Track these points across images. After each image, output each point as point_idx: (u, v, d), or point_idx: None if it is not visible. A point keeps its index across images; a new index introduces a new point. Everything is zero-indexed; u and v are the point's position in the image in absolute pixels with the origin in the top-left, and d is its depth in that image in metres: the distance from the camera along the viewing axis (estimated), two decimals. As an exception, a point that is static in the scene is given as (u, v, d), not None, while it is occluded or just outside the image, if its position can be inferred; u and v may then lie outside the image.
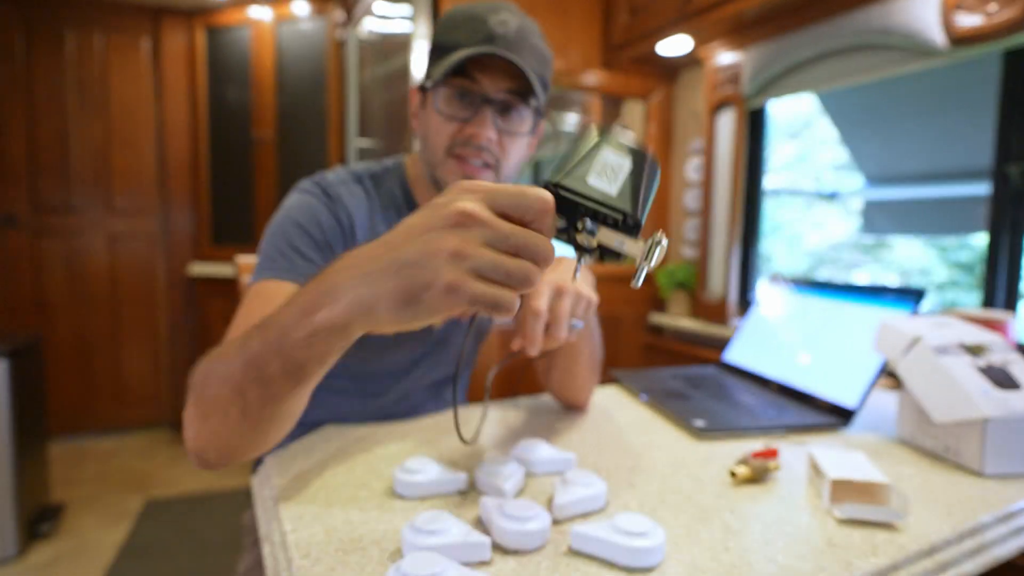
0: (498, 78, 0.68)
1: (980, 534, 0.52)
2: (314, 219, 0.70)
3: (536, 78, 0.69)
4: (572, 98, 2.61)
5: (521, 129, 0.72)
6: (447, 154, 0.71)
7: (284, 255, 0.67)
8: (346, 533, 0.48)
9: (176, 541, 1.93)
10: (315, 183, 0.74)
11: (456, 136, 0.70)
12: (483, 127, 0.68)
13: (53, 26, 2.65)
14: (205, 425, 0.48)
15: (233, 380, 0.44)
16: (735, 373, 1.05)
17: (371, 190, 0.77)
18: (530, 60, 0.68)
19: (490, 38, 0.67)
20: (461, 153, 0.70)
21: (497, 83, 0.68)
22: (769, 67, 1.86)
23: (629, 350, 2.33)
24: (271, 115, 2.71)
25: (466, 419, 0.82)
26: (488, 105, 0.68)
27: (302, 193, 0.74)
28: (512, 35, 0.67)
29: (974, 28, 1.32)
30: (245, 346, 0.43)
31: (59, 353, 2.73)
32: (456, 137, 0.70)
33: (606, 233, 0.38)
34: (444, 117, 0.69)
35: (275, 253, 0.68)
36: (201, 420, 0.48)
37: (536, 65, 0.69)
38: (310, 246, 0.69)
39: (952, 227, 1.68)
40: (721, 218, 2.10)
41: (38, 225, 2.69)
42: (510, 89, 0.68)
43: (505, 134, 0.70)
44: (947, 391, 0.64)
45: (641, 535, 0.44)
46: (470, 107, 0.69)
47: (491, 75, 0.68)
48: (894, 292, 0.85)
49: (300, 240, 0.69)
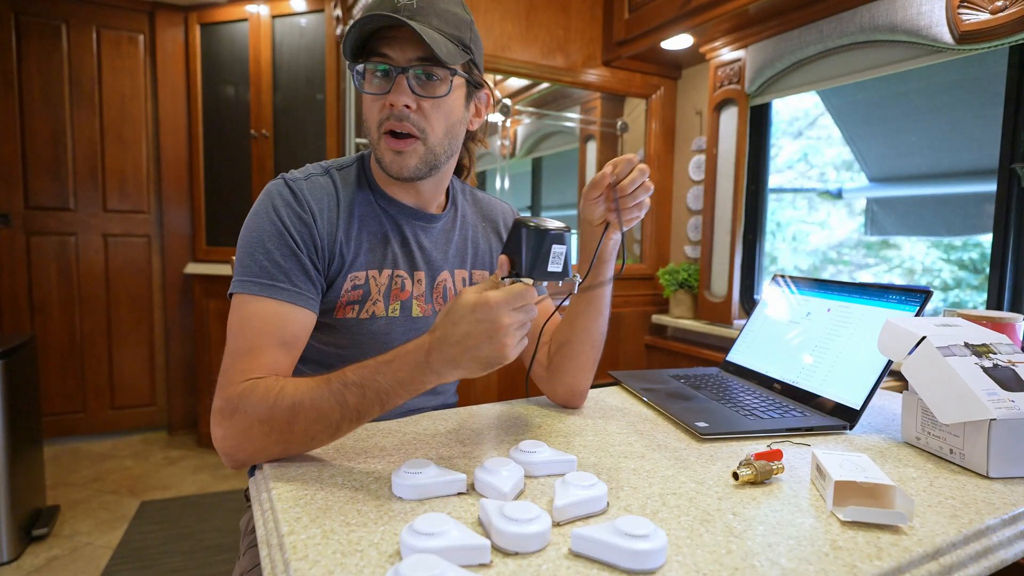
0: (407, 48, 0.70)
1: (986, 537, 0.52)
2: (284, 227, 0.72)
3: (447, 40, 0.71)
4: (574, 95, 2.60)
5: (439, 92, 0.73)
6: (380, 133, 0.74)
7: (268, 273, 0.70)
8: (344, 535, 0.47)
9: (172, 544, 1.92)
10: (284, 182, 0.76)
11: (382, 112, 0.73)
12: (398, 95, 0.71)
13: (46, 22, 2.63)
14: (270, 442, 0.62)
15: (330, 421, 0.61)
16: (738, 373, 1.04)
17: (337, 180, 0.79)
18: (437, 24, 0.70)
19: (393, 10, 0.69)
20: (388, 128, 0.73)
21: (406, 53, 0.70)
22: (772, 64, 1.86)
23: (631, 350, 2.32)
24: (268, 112, 2.69)
25: (470, 414, 0.81)
26: (402, 75, 0.71)
27: (271, 197, 0.75)
28: (416, 3, 0.69)
29: (981, 24, 1.32)
30: (343, 401, 0.60)
31: (53, 354, 2.71)
32: (382, 113, 0.73)
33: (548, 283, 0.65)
34: (370, 97, 0.73)
35: (258, 268, 0.70)
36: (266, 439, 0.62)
37: (446, 27, 0.71)
38: (288, 256, 0.72)
39: (958, 227, 1.68)
40: (724, 217, 2.10)
41: (31, 224, 2.67)
42: (420, 56, 0.71)
43: (425, 100, 0.73)
44: (953, 392, 0.64)
45: (642, 537, 0.44)
46: (389, 81, 0.72)
47: (399, 46, 0.70)
48: (899, 292, 0.84)
49: (279, 252, 0.71)
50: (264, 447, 0.62)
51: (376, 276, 0.79)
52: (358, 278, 0.78)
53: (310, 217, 0.74)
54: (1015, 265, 1.38)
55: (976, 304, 1.66)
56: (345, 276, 0.77)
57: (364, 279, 0.78)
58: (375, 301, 0.79)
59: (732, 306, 2.05)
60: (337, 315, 0.77)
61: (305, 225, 0.73)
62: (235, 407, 0.63)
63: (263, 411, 0.62)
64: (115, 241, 2.83)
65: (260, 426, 0.62)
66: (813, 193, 2.14)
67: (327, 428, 0.61)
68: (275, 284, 0.70)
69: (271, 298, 0.69)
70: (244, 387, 0.64)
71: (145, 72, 2.81)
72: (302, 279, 0.72)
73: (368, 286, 0.79)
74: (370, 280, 0.79)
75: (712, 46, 2.04)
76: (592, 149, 2.61)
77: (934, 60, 1.50)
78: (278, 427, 0.61)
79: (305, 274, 0.72)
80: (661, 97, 2.34)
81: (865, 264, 1.96)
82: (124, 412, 2.88)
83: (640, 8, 2.02)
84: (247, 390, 0.64)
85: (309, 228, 0.74)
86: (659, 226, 2.39)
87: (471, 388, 1.96)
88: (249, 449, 0.63)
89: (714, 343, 2.08)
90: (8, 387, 1.73)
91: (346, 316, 0.78)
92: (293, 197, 0.74)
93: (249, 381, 0.65)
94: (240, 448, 0.63)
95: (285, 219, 0.72)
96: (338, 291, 0.77)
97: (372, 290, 0.79)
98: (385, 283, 0.80)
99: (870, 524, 0.51)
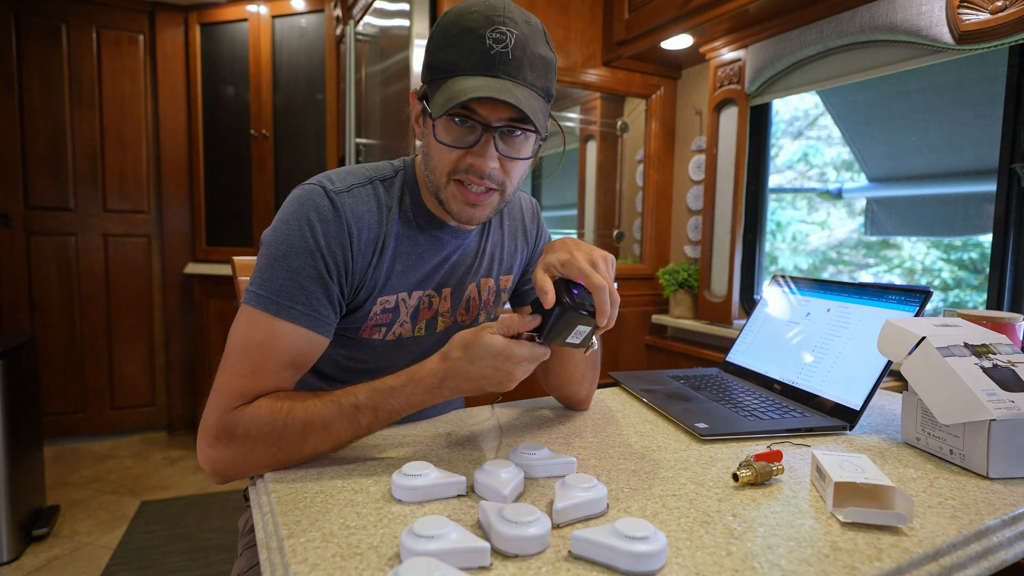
0: (499, 109, 0.65)
1: (986, 537, 0.52)
2: (318, 247, 0.66)
3: (538, 98, 0.66)
4: (574, 95, 2.60)
5: (523, 153, 0.70)
6: (449, 179, 0.69)
7: (288, 293, 0.65)
8: (344, 538, 0.47)
9: (172, 544, 1.92)
10: (322, 190, 0.69)
11: (458, 164, 0.67)
12: (485, 157, 0.66)
13: (46, 22, 2.63)
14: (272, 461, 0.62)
15: (341, 440, 0.63)
16: (738, 374, 1.04)
17: (381, 195, 0.73)
18: (531, 78, 0.65)
19: (488, 62, 0.63)
20: (463, 179, 0.68)
21: (498, 112, 0.65)
22: (772, 64, 1.86)
23: (631, 350, 2.32)
24: (268, 112, 2.69)
25: (470, 415, 0.81)
26: (489, 133, 0.66)
27: (307, 209, 0.68)
28: (511, 54, 0.63)
29: (981, 24, 1.31)
30: (356, 423, 0.63)
31: (53, 354, 2.71)
32: (458, 164, 0.67)
33: None
34: (446, 146, 0.67)
35: (278, 286, 0.65)
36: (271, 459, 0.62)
37: (538, 80, 0.66)
38: (314, 279, 0.66)
39: (958, 227, 1.67)
40: (724, 217, 2.10)
41: (31, 224, 2.67)
42: (512, 117, 0.65)
43: (509, 161, 0.68)
44: (953, 392, 0.64)
45: (642, 539, 0.43)
46: (471, 134, 0.66)
47: (491, 106, 0.64)
48: (899, 292, 0.84)
49: (305, 274, 0.66)
50: (263, 465, 0.62)
51: (406, 299, 0.76)
52: (388, 302, 0.74)
53: (347, 239, 0.68)
54: (1015, 265, 1.38)
55: (976, 304, 1.66)
56: (375, 300, 0.73)
57: (394, 303, 0.75)
58: (402, 323, 0.77)
59: (732, 306, 2.05)
60: (363, 335, 0.75)
61: (341, 247, 0.68)
62: (233, 432, 0.61)
63: (270, 434, 0.61)
64: (115, 241, 2.83)
65: (266, 448, 0.61)
66: (813, 193, 2.14)
67: (336, 446, 0.64)
68: (294, 307, 0.65)
69: (286, 320, 0.64)
70: (247, 411, 0.62)
71: (145, 72, 2.81)
72: (323, 304, 0.67)
73: (397, 309, 0.76)
74: (400, 304, 0.76)
75: (712, 46, 2.04)
76: (592, 149, 2.61)
77: (934, 60, 1.49)
78: (286, 448, 0.61)
79: (328, 299, 0.67)
80: (661, 97, 2.33)
81: (865, 264, 1.96)
82: (124, 412, 2.88)
83: (640, 8, 2.02)
84: (251, 414, 0.62)
85: (344, 251, 0.68)
86: (659, 226, 2.39)
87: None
88: (245, 469, 0.63)
89: (714, 343, 2.08)
90: (8, 387, 1.73)
91: (372, 337, 0.76)
92: (333, 213, 0.67)
93: (252, 404, 0.63)
94: (235, 470, 0.63)
95: (320, 238, 0.66)
96: (366, 314, 0.73)
97: (401, 312, 0.76)
98: (414, 304, 0.77)
99: (870, 525, 0.51)
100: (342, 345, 0.76)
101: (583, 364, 0.80)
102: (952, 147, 1.64)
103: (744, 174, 2.01)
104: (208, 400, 0.64)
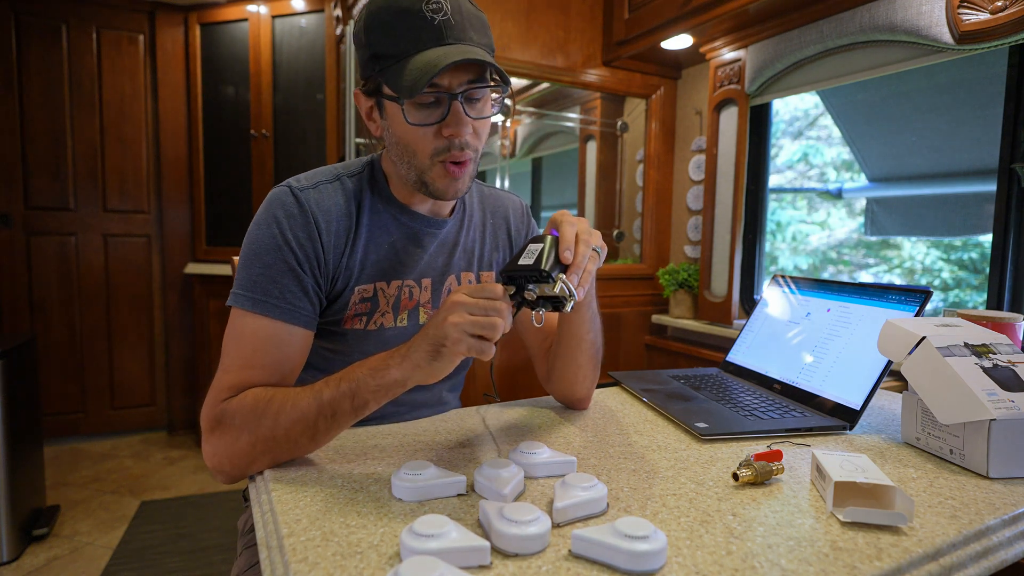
0: (458, 73, 0.67)
1: (986, 537, 0.52)
2: (285, 241, 0.69)
3: (488, 54, 0.68)
4: (574, 95, 2.60)
5: (487, 112, 0.72)
6: (433, 161, 0.70)
7: (262, 288, 0.68)
8: (344, 537, 0.47)
9: (172, 544, 1.92)
10: (289, 191, 0.72)
11: (437, 141, 0.69)
12: (459, 126, 0.68)
13: (46, 22, 2.63)
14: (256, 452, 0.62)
15: (307, 420, 0.61)
16: (738, 374, 1.04)
17: (350, 188, 0.76)
18: (476, 37, 0.67)
19: (437, 32, 0.65)
20: (446, 159, 0.70)
21: (458, 77, 0.67)
22: (772, 64, 1.86)
23: (631, 350, 2.32)
24: (268, 112, 2.69)
25: (469, 415, 0.81)
26: (456, 101, 0.67)
27: (274, 207, 0.71)
28: (452, 19, 0.65)
29: (981, 24, 1.31)
30: (319, 396, 0.61)
31: (53, 354, 2.71)
32: (437, 143, 0.69)
33: (540, 288, 0.62)
34: (420, 127, 0.69)
35: (251, 282, 0.68)
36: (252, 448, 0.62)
37: (482, 38, 0.69)
38: (285, 272, 0.69)
39: (958, 227, 1.67)
40: (724, 217, 2.10)
41: (31, 224, 2.67)
42: (471, 79, 0.68)
43: (477, 122, 0.71)
44: (953, 392, 0.64)
45: (642, 539, 0.43)
46: (439, 107, 0.68)
47: (451, 74, 0.66)
48: (899, 292, 0.84)
49: (276, 268, 0.69)
50: (248, 452, 0.62)
51: (384, 288, 0.78)
52: (366, 291, 0.76)
53: (315, 231, 0.71)
54: (1015, 265, 1.38)
55: (976, 304, 1.66)
56: (352, 289, 0.75)
57: (372, 291, 0.77)
58: (383, 312, 0.78)
59: (732, 306, 2.05)
60: (345, 325, 0.76)
61: (310, 239, 0.70)
62: (221, 420, 0.64)
63: (251, 417, 0.62)
64: (115, 241, 2.83)
65: (249, 435, 0.62)
66: (813, 193, 2.14)
67: (306, 429, 0.61)
68: (267, 300, 0.68)
69: (263, 315, 0.67)
70: (234, 401, 0.64)
71: (145, 72, 2.80)
72: (298, 295, 0.69)
73: (376, 298, 0.77)
74: (378, 292, 0.77)
75: (712, 46, 2.04)
76: (592, 149, 2.61)
77: (934, 60, 1.49)
78: (263, 434, 0.62)
79: (302, 291, 0.70)
80: (661, 97, 2.33)
81: (865, 264, 1.96)
82: (124, 412, 2.88)
83: (640, 8, 2.02)
84: (238, 402, 0.64)
85: (313, 243, 0.71)
86: (659, 226, 2.39)
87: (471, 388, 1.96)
88: (237, 461, 0.63)
89: (714, 343, 2.08)
90: (8, 387, 1.73)
91: (354, 327, 0.77)
92: (298, 208, 0.71)
93: (237, 396, 0.65)
94: (229, 462, 0.64)
95: (287, 233, 0.69)
96: (345, 303, 0.75)
97: (380, 302, 0.77)
98: (394, 294, 0.78)
99: (870, 525, 0.51)
100: (327, 338, 0.77)
101: (584, 364, 0.81)
102: (952, 147, 1.64)
103: (744, 174, 2.01)
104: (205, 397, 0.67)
